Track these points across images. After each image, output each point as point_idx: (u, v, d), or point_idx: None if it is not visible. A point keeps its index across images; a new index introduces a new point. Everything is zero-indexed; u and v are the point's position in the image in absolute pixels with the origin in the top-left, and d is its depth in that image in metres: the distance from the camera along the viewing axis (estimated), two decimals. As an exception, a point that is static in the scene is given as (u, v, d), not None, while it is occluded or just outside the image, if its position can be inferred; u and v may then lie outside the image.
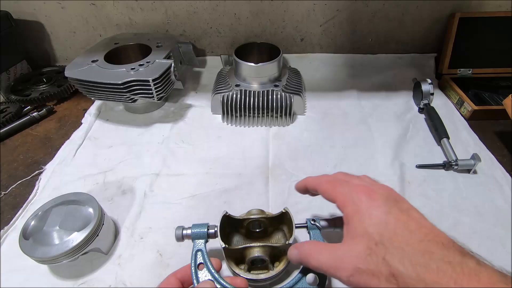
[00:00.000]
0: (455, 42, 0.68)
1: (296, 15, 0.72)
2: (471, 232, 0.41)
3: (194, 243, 0.34)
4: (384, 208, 0.26)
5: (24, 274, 0.38)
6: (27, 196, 0.48)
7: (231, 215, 0.37)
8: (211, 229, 0.35)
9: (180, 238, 0.35)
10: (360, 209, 0.27)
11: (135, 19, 0.73)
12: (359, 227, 0.26)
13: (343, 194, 0.29)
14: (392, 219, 0.25)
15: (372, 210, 0.26)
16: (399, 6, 0.70)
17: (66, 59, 0.80)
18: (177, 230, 0.35)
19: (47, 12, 0.72)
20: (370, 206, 0.26)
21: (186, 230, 0.35)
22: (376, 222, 0.25)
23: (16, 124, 0.61)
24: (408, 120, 0.60)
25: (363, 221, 0.26)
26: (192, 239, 0.35)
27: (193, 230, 0.35)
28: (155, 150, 0.56)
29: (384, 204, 0.26)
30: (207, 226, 0.35)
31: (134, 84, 0.54)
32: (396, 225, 0.25)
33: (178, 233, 0.35)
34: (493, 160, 0.51)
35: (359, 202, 0.27)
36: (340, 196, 0.29)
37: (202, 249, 0.34)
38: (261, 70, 0.59)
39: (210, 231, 0.35)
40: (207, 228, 0.35)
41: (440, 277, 0.21)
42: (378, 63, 0.76)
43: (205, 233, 0.35)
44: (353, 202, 0.28)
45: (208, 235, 0.35)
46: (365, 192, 0.28)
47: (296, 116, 0.62)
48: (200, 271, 0.32)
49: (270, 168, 0.51)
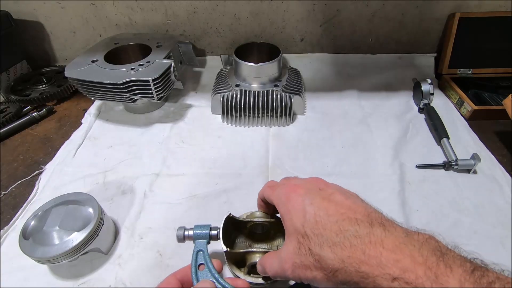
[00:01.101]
0: (455, 42, 0.68)
1: (296, 15, 0.72)
2: (471, 232, 0.41)
3: (195, 243, 0.34)
4: (306, 200, 0.27)
5: (24, 274, 0.38)
6: (27, 196, 0.48)
7: (235, 217, 0.37)
8: (213, 231, 0.35)
9: (181, 239, 0.35)
10: (288, 207, 0.28)
11: (135, 19, 0.73)
12: (290, 225, 0.27)
13: (278, 196, 0.31)
14: (312, 208, 0.26)
15: (296, 205, 0.28)
16: (399, 6, 0.70)
17: (66, 59, 0.80)
18: (179, 231, 0.35)
19: (47, 12, 0.72)
20: (295, 202, 0.28)
21: (188, 231, 0.35)
22: (300, 216, 0.27)
23: (16, 124, 0.61)
24: (408, 120, 0.60)
25: (291, 218, 0.27)
26: (194, 240, 0.34)
27: (195, 231, 0.35)
28: (155, 150, 0.56)
29: (306, 196, 0.28)
30: (210, 228, 0.35)
31: (134, 84, 0.54)
32: (316, 213, 0.26)
33: (180, 234, 0.35)
34: (493, 160, 0.51)
35: (287, 201, 0.29)
36: (275, 199, 0.31)
37: (203, 249, 0.33)
38: (261, 70, 0.59)
39: (212, 232, 0.35)
40: (209, 229, 0.35)
41: (352, 252, 0.23)
42: (378, 63, 0.76)
43: (207, 234, 0.34)
44: (282, 202, 0.29)
45: (210, 236, 0.34)
46: (292, 190, 0.29)
47: (296, 116, 0.62)
48: (200, 272, 0.31)
49: (270, 168, 0.51)
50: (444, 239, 0.24)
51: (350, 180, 0.49)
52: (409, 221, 0.42)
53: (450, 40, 0.68)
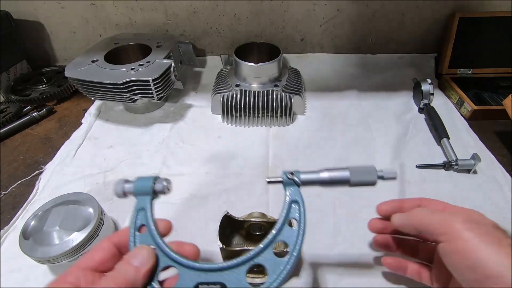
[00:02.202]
0: (455, 42, 0.68)
1: (296, 15, 0.72)
2: (471, 232, 0.41)
3: (137, 200, 0.28)
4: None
5: (24, 274, 0.38)
6: (27, 196, 0.48)
7: (232, 216, 0.36)
8: (158, 183, 0.28)
9: (120, 194, 0.28)
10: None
11: (135, 19, 0.73)
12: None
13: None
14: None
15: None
16: (399, 6, 0.70)
17: (66, 59, 0.80)
18: (118, 185, 0.28)
19: (47, 12, 0.72)
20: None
21: (129, 184, 0.28)
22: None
23: (16, 124, 0.61)
24: (408, 120, 0.60)
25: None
26: (135, 195, 0.28)
27: (136, 184, 0.28)
28: (155, 150, 0.56)
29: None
30: (154, 179, 0.28)
31: (134, 84, 0.54)
32: None
33: (119, 189, 0.28)
34: (493, 160, 0.51)
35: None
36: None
37: (145, 207, 0.27)
38: (261, 70, 0.59)
39: (157, 185, 0.28)
40: (153, 181, 0.28)
41: None
42: (378, 63, 0.76)
43: (150, 187, 0.27)
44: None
45: (154, 191, 0.28)
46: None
47: (296, 116, 0.62)
48: (140, 235, 0.26)
49: (270, 168, 0.51)
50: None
51: (350, 180, 0.49)
52: (409, 221, 0.42)
53: (450, 40, 0.68)
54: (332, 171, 0.29)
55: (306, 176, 0.29)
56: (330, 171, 0.28)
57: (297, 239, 0.26)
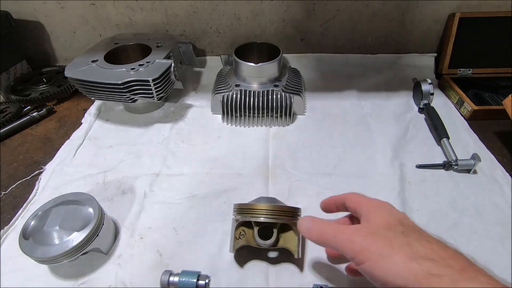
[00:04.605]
0: (455, 42, 0.68)
1: (296, 15, 0.72)
2: (471, 232, 0.41)
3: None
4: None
5: (24, 274, 0.38)
6: (27, 196, 0.48)
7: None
8: (201, 280, 0.30)
9: (165, 285, 0.31)
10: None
11: (135, 19, 0.73)
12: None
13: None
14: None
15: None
16: (399, 6, 0.70)
17: (66, 59, 0.80)
18: (163, 276, 0.30)
19: (47, 12, 0.72)
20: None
21: (174, 277, 0.30)
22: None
23: (16, 124, 0.61)
24: (408, 120, 0.60)
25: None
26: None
27: (181, 279, 0.30)
28: (155, 150, 0.56)
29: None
30: (198, 276, 0.30)
31: (134, 84, 0.54)
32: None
33: (164, 280, 0.30)
34: (493, 160, 0.51)
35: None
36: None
37: None
38: (261, 70, 0.59)
39: (200, 282, 0.30)
40: (197, 278, 0.30)
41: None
42: (378, 63, 0.76)
43: (194, 284, 0.30)
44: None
45: (197, 287, 0.30)
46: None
47: (296, 116, 0.62)
48: None
49: (270, 168, 0.51)
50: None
51: (350, 180, 0.49)
52: (409, 221, 0.43)
53: (450, 40, 0.68)
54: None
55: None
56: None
57: None
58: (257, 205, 0.35)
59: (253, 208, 0.35)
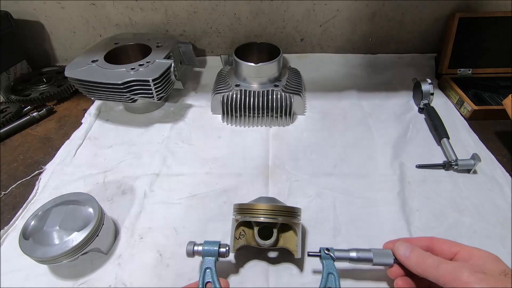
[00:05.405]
0: (455, 42, 0.68)
1: (296, 15, 0.72)
2: (471, 232, 0.41)
3: (204, 260, 0.34)
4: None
5: (24, 274, 0.38)
6: (27, 196, 0.48)
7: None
8: (222, 248, 0.35)
9: (191, 254, 0.35)
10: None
11: (135, 19, 0.73)
12: None
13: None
14: None
15: None
16: (399, 6, 0.70)
17: (66, 59, 0.80)
18: (189, 246, 0.35)
19: (47, 12, 0.72)
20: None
21: (198, 247, 0.35)
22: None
23: (16, 124, 0.61)
24: (408, 120, 0.60)
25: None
26: (202, 256, 0.35)
27: (204, 247, 0.35)
28: (155, 150, 0.56)
29: None
30: (219, 245, 0.35)
31: (134, 84, 0.54)
32: None
33: (189, 249, 0.35)
34: (493, 160, 0.51)
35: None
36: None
37: (211, 267, 0.34)
38: (261, 70, 0.59)
39: (221, 249, 0.35)
40: (218, 246, 0.35)
41: None
42: (378, 63, 0.76)
43: (216, 251, 0.35)
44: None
45: (219, 253, 0.35)
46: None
47: (296, 116, 0.62)
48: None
49: (270, 168, 0.51)
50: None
51: (350, 180, 0.49)
52: (409, 221, 0.43)
53: (450, 40, 0.68)
54: (359, 251, 0.34)
55: (339, 253, 0.34)
56: (358, 252, 0.34)
57: None
58: (257, 205, 0.36)
59: (253, 208, 0.36)
